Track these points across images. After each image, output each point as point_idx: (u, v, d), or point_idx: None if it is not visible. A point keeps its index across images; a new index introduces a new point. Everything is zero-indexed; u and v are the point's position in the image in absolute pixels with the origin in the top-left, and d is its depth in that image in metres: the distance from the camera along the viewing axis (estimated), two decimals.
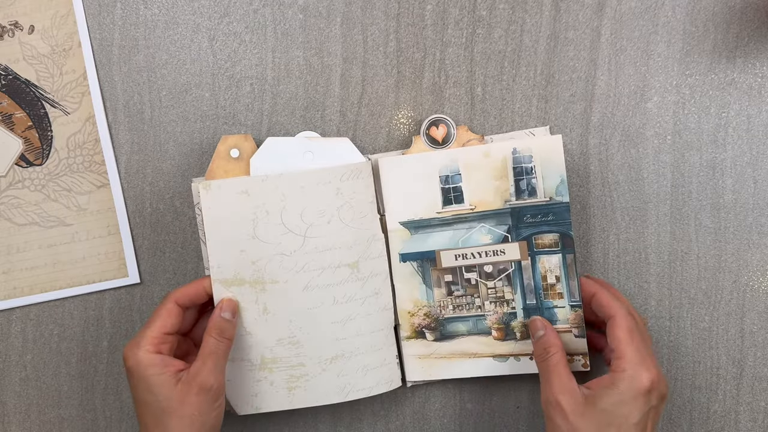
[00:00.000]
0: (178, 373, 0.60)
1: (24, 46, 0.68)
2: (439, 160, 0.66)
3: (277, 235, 0.65)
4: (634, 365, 0.58)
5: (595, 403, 0.58)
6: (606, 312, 0.62)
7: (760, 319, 0.69)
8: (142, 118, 0.69)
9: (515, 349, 0.67)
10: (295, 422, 0.70)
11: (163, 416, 0.58)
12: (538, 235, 0.66)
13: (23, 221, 0.69)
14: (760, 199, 0.68)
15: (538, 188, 0.65)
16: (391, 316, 0.68)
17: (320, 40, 0.69)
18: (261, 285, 0.66)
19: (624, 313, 0.61)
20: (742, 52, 0.68)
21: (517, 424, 0.70)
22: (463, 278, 0.67)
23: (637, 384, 0.58)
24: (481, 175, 0.66)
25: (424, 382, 0.69)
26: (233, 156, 0.66)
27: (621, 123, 0.68)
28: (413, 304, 0.67)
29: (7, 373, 0.70)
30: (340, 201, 0.66)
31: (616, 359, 0.59)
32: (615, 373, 0.59)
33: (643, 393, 0.58)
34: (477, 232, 0.66)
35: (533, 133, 0.68)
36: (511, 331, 0.67)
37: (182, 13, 0.69)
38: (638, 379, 0.58)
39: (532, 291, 0.66)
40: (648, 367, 0.58)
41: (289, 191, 0.65)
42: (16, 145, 0.69)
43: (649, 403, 0.58)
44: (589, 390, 0.59)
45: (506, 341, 0.67)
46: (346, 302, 0.66)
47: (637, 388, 0.58)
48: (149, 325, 0.61)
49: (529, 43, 0.68)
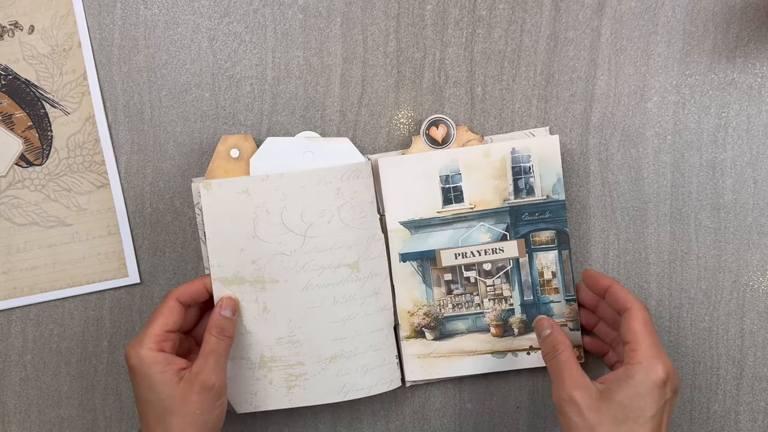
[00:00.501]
0: (181, 371, 0.60)
1: (24, 46, 0.68)
2: (439, 160, 0.67)
3: (277, 234, 0.65)
4: (649, 357, 0.57)
5: (610, 397, 0.57)
6: (621, 305, 0.61)
7: (760, 319, 0.69)
8: (142, 118, 0.69)
9: (513, 345, 0.67)
10: (294, 422, 0.70)
11: (165, 414, 0.58)
12: (536, 232, 0.66)
13: (23, 221, 0.69)
14: (760, 199, 0.68)
15: (536, 187, 0.66)
16: (390, 316, 0.68)
17: (320, 40, 0.69)
18: (261, 284, 0.66)
19: (640, 306, 0.60)
20: (742, 52, 0.68)
21: (517, 424, 0.70)
22: (462, 277, 0.67)
23: (653, 375, 0.57)
24: (480, 175, 0.66)
25: (424, 381, 0.69)
26: (233, 156, 0.66)
27: (621, 123, 0.68)
28: (413, 303, 0.68)
29: (7, 373, 0.70)
30: (340, 201, 0.66)
31: (631, 351, 0.58)
32: (630, 366, 0.57)
33: (658, 385, 0.56)
34: (476, 230, 0.67)
35: (533, 133, 0.68)
36: (509, 327, 0.67)
37: (182, 13, 0.69)
38: (654, 371, 0.57)
39: (529, 287, 0.67)
40: (663, 359, 0.57)
41: (290, 191, 0.65)
42: (16, 145, 0.69)
43: (665, 396, 0.57)
44: (603, 384, 0.58)
45: (504, 338, 0.67)
46: (345, 302, 0.66)
47: (652, 380, 0.56)
48: (151, 323, 0.61)
49: (529, 43, 0.68)
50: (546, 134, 0.68)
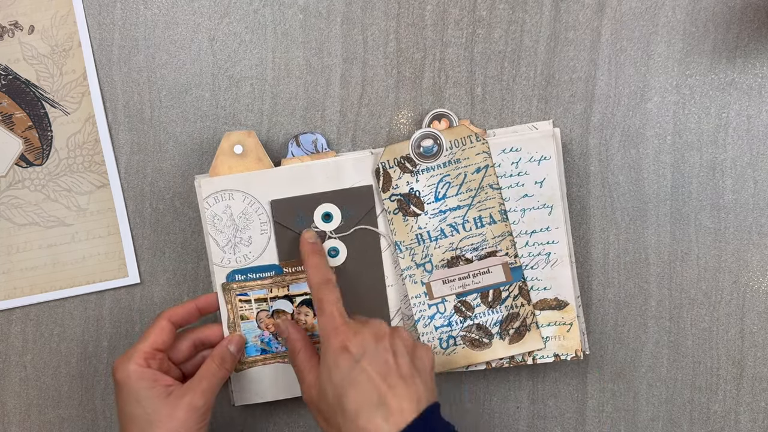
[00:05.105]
0: (168, 387, 0.60)
1: (24, 46, 0.68)
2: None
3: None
4: (323, 336, 0.59)
5: (323, 386, 0.58)
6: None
7: (760, 319, 0.69)
8: (142, 118, 0.69)
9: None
10: (294, 422, 0.70)
11: (149, 428, 0.59)
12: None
13: (23, 221, 0.69)
14: (760, 199, 0.68)
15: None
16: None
17: (320, 40, 0.69)
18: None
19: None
20: (742, 53, 0.68)
21: (517, 424, 0.70)
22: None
23: (328, 350, 0.58)
24: None
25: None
26: (237, 152, 0.66)
27: (621, 123, 0.68)
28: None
29: (7, 373, 0.70)
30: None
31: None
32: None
33: (336, 353, 0.57)
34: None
35: (536, 127, 0.68)
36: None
37: (182, 13, 0.69)
38: (328, 345, 0.58)
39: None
40: (339, 330, 0.58)
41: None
42: (16, 145, 0.69)
43: (356, 355, 0.57)
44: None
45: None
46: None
47: (331, 353, 0.57)
48: (141, 340, 0.62)
49: (529, 43, 0.68)
50: (549, 127, 0.67)
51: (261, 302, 0.67)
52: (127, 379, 0.60)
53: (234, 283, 0.66)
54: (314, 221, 0.66)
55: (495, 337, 0.66)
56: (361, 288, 0.67)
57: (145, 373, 0.60)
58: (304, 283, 0.66)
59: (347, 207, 0.66)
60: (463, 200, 0.66)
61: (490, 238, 0.66)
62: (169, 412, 0.59)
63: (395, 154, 0.66)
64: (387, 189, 0.66)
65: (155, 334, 0.62)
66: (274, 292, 0.67)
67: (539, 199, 0.66)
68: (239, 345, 0.65)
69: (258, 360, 0.67)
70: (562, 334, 0.67)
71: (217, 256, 0.66)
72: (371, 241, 0.67)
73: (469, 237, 0.66)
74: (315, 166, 0.66)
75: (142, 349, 0.61)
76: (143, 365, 0.60)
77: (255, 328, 0.67)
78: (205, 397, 0.60)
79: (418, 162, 0.66)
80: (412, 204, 0.66)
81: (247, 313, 0.66)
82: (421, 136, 0.66)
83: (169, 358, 0.64)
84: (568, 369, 0.70)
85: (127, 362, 0.60)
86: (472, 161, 0.66)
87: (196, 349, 0.66)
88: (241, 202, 0.66)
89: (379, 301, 0.67)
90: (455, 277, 0.66)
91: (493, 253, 0.66)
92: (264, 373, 0.67)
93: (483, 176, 0.66)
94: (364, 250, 0.67)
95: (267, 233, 0.66)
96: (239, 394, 0.67)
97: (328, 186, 0.66)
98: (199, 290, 0.69)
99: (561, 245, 0.66)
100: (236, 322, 0.66)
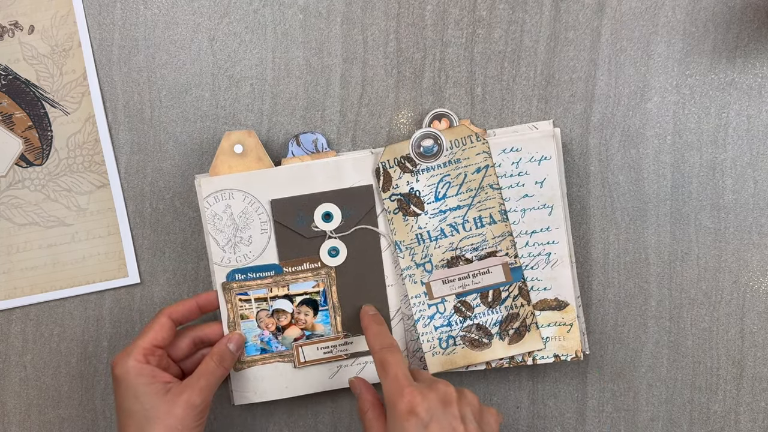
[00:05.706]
0: (166, 384, 0.60)
1: (24, 46, 0.68)
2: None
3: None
4: (389, 396, 0.57)
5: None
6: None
7: (760, 319, 0.69)
8: (142, 118, 0.69)
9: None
10: (294, 422, 0.70)
11: (147, 424, 0.59)
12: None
13: (23, 221, 0.69)
14: (760, 199, 0.68)
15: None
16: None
17: (320, 40, 0.69)
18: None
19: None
20: (742, 53, 0.68)
21: (517, 424, 0.70)
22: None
23: (395, 411, 0.56)
24: None
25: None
26: (237, 152, 0.66)
27: (621, 123, 0.68)
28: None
29: (7, 373, 0.70)
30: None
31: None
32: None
33: (403, 416, 0.55)
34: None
35: (536, 127, 0.68)
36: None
37: (182, 13, 0.69)
38: (394, 406, 0.56)
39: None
40: (405, 390, 0.56)
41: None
42: (16, 145, 0.69)
43: (423, 420, 0.55)
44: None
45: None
46: None
47: (397, 414, 0.56)
48: (140, 336, 0.62)
49: (529, 43, 0.68)
50: (549, 127, 0.68)
51: (261, 301, 0.67)
52: (126, 375, 0.60)
53: (234, 282, 0.66)
54: (314, 221, 0.66)
55: (495, 337, 0.66)
56: (361, 288, 0.67)
57: (144, 369, 0.60)
58: (304, 282, 0.66)
59: (347, 207, 0.66)
60: (463, 200, 0.66)
61: (490, 238, 0.66)
62: (167, 408, 0.59)
63: (395, 154, 0.66)
64: (387, 189, 0.66)
65: (155, 331, 0.62)
66: (274, 292, 0.67)
67: (539, 199, 0.66)
68: (239, 343, 0.65)
69: (258, 359, 0.67)
70: (562, 335, 0.67)
71: (217, 256, 0.66)
72: (371, 240, 0.67)
73: (469, 237, 0.66)
74: (315, 165, 0.66)
75: (141, 345, 0.61)
76: (142, 361, 0.60)
77: (255, 328, 0.67)
78: (203, 395, 0.60)
79: (418, 162, 0.66)
80: (412, 204, 0.66)
81: (247, 312, 0.66)
82: (422, 136, 0.66)
83: (168, 355, 0.64)
84: (568, 369, 0.70)
85: (127, 358, 0.60)
86: (472, 161, 0.66)
87: (196, 346, 0.66)
88: (241, 202, 0.66)
89: (379, 300, 0.67)
90: (455, 277, 0.66)
91: (493, 253, 0.66)
92: (264, 373, 0.67)
93: (483, 176, 0.66)
94: (364, 250, 0.67)
95: (267, 233, 0.66)
96: (239, 394, 0.67)
97: (329, 186, 0.66)
98: (199, 290, 0.69)
99: (561, 245, 0.66)
100: (236, 321, 0.66)
